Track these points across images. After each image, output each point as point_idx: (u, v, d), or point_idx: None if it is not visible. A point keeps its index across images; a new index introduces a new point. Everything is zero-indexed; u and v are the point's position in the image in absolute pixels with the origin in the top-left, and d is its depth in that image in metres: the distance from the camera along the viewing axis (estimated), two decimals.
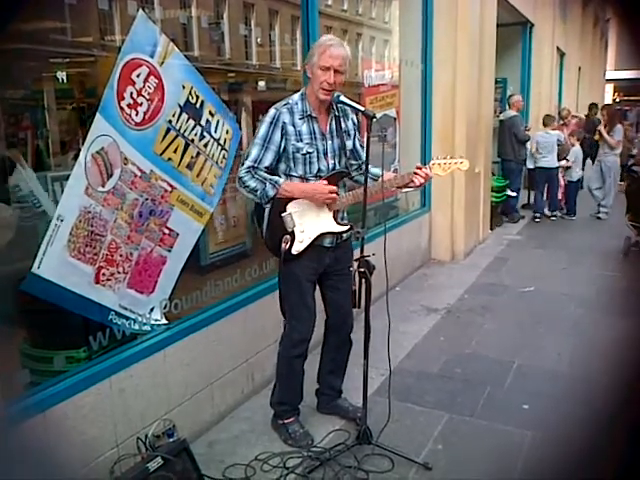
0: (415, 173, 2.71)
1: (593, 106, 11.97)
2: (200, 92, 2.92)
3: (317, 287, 2.90)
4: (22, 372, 2.42)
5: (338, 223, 2.73)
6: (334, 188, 2.67)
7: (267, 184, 2.62)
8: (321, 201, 2.67)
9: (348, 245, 2.90)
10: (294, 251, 2.68)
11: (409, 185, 2.75)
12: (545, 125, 8.27)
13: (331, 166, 2.74)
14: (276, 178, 2.65)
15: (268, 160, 2.65)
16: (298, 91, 2.78)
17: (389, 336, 2.76)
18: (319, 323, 2.92)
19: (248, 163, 2.63)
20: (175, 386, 2.81)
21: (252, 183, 2.62)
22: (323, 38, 2.70)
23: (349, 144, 2.82)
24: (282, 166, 2.71)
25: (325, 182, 2.67)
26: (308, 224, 2.69)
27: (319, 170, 2.71)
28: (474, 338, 4.20)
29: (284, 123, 2.65)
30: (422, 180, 2.71)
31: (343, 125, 2.79)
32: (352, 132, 2.84)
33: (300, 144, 2.67)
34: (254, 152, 2.65)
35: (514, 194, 8.12)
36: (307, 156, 2.68)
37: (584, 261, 6.25)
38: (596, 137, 8.55)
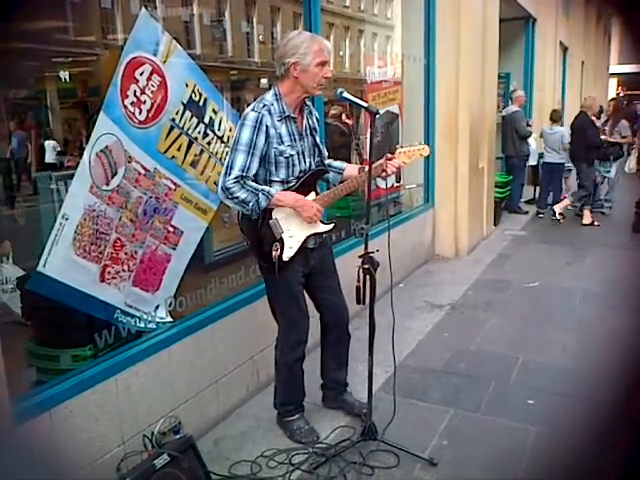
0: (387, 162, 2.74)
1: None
2: (203, 90, 2.93)
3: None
4: (28, 370, 2.43)
5: (323, 223, 2.73)
6: (320, 207, 2.66)
7: (260, 195, 2.50)
8: (307, 218, 2.62)
9: (328, 244, 2.91)
10: (285, 257, 2.63)
11: (380, 175, 2.77)
12: (553, 120, 8.10)
13: (309, 165, 2.71)
14: (267, 188, 2.55)
15: (254, 167, 2.53)
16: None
17: (394, 332, 2.76)
18: (315, 323, 2.92)
19: (236, 172, 2.47)
20: (181, 383, 2.82)
21: (242, 194, 2.48)
22: (304, 35, 2.60)
23: (318, 140, 2.79)
24: (261, 172, 2.58)
25: (314, 195, 2.67)
26: (295, 228, 2.65)
27: (300, 172, 2.67)
28: (478, 334, 4.19)
29: (267, 126, 2.53)
30: (393, 169, 2.74)
31: (311, 122, 2.76)
32: (317, 128, 2.82)
33: (282, 147, 2.58)
34: (240, 160, 2.49)
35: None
36: (290, 159, 2.62)
37: (588, 255, 6.24)
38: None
